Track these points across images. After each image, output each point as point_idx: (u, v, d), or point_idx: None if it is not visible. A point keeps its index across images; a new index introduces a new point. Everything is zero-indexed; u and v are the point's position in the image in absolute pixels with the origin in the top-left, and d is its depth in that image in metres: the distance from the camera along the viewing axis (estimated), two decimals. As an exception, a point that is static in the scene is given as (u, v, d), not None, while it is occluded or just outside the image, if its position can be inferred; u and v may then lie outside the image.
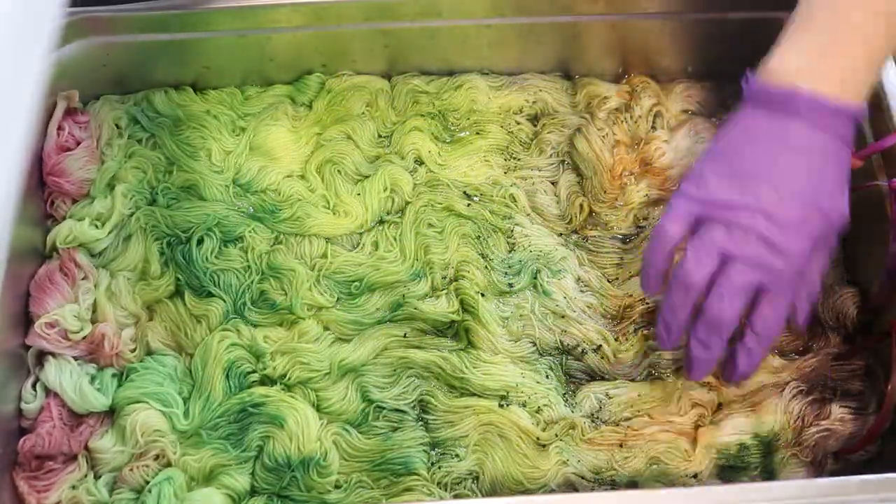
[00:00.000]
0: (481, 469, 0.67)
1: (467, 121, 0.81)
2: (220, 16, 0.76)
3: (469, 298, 0.73)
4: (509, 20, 0.79)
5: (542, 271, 0.74)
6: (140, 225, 0.74)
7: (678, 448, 0.68)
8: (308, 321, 0.72)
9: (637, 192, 0.78)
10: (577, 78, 0.84)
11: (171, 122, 0.79)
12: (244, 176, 0.77)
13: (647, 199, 0.78)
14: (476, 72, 0.83)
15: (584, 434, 0.69)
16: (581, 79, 0.84)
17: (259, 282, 0.73)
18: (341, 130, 0.80)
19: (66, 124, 0.75)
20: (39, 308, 0.69)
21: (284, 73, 0.82)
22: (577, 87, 0.83)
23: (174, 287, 0.73)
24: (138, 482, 0.65)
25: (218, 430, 0.67)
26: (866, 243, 0.73)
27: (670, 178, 0.79)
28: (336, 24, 0.78)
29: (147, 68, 0.79)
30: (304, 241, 0.75)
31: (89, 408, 0.67)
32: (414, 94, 0.82)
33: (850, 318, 0.73)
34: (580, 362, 0.72)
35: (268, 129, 0.79)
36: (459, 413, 0.69)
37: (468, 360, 0.71)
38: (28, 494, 0.64)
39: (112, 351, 0.68)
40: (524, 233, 0.76)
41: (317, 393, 0.69)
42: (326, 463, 0.66)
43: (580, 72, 0.84)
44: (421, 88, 0.82)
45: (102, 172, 0.75)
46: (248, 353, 0.70)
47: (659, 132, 0.81)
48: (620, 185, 0.79)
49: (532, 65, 0.83)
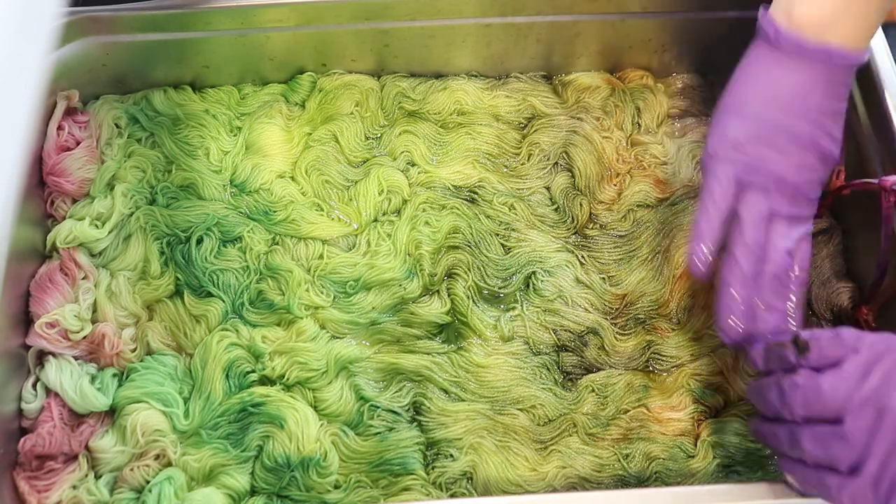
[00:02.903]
0: (474, 470, 0.68)
1: (456, 122, 0.81)
2: (219, 15, 0.76)
3: (460, 301, 0.73)
4: (499, 20, 0.79)
5: (536, 273, 0.74)
6: (140, 224, 0.74)
7: (679, 447, 0.68)
8: (305, 320, 0.72)
9: (634, 192, 0.78)
10: (562, 76, 0.84)
11: (170, 122, 0.79)
12: (240, 176, 0.78)
13: (643, 199, 0.78)
14: (464, 73, 0.83)
15: (586, 430, 0.69)
16: (565, 76, 0.84)
17: (257, 282, 0.73)
18: (329, 130, 0.80)
19: (66, 124, 0.75)
20: (40, 308, 0.69)
21: (279, 71, 0.82)
22: (564, 85, 0.83)
23: (174, 287, 0.73)
24: (139, 482, 0.65)
25: (218, 429, 0.67)
26: (865, 236, 0.74)
27: (665, 177, 0.80)
28: (328, 23, 0.78)
29: (146, 68, 0.79)
30: (300, 242, 0.75)
31: (90, 408, 0.67)
32: (401, 98, 0.82)
33: (846, 312, 0.73)
34: (577, 357, 0.72)
35: (262, 127, 0.79)
36: (452, 416, 0.69)
37: (461, 362, 0.71)
38: (29, 494, 0.64)
39: (112, 351, 0.68)
40: (520, 237, 0.76)
41: (314, 393, 0.69)
42: (326, 463, 0.67)
43: (569, 72, 0.84)
44: (407, 93, 0.82)
45: (102, 172, 0.75)
46: (247, 352, 0.70)
47: (651, 131, 0.81)
48: (616, 185, 0.79)
49: (519, 65, 0.83)
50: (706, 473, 0.68)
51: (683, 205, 0.78)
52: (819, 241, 0.76)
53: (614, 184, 0.79)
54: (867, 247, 0.73)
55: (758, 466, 0.68)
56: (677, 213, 0.77)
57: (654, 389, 0.70)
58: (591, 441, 0.69)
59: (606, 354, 0.72)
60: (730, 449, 0.68)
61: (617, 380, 0.71)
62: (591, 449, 0.68)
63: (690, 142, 0.81)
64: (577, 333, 0.73)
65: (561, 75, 0.84)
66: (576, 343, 0.72)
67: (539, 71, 0.84)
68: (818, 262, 0.75)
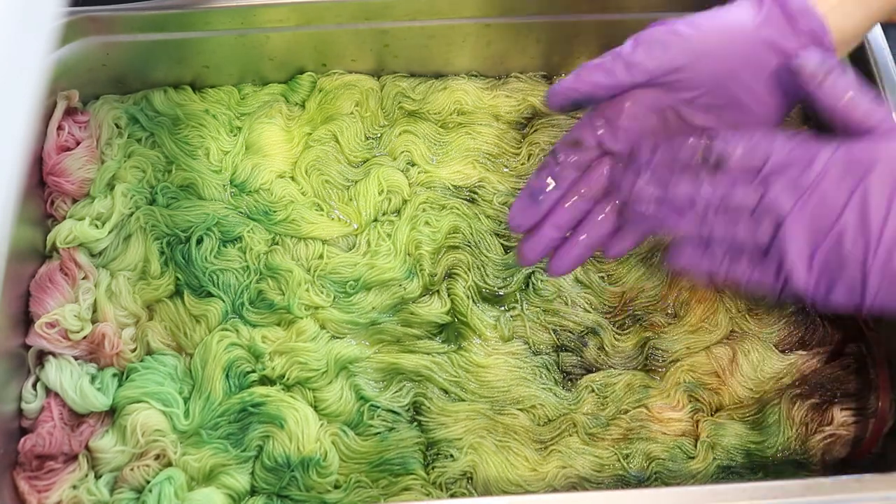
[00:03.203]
0: (474, 470, 0.68)
1: (456, 122, 0.81)
2: (219, 15, 0.76)
3: (460, 300, 0.73)
4: (500, 20, 0.79)
5: (536, 273, 0.74)
6: (140, 224, 0.74)
7: (680, 447, 0.68)
8: (305, 320, 0.72)
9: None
10: (562, 76, 0.84)
11: (170, 122, 0.79)
12: (240, 176, 0.78)
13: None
14: (464, 73, 0.83)
15: (586, 430, 0.69)
16: (565, 76, 0.83)
17: (257, 282, 0.73)
18: (329, 130, 0.80)
19: (66, 124, 0.75)
20: (40, 308, 0.69)
21: (279, 71, 0.82)
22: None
23: (174, 287, 0.73)
24: (139, 482, 0.65)
25: (218, 429, 0.67)
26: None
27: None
28: (328, 23, 0.78)
29: (146, 68, 0.79)
30: (300, 242, 0.75)
31: (90, 408, 0.67)
32: (401, 98, 0.82)
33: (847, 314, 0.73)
34: (577, 357, 0.72)
35: (262, 127, 0.79)
36: (452, 416, 0.69)
37: (461, 362, 0.71)
38: (29, 494, 0.64)
39: (112, 351, 0.68)
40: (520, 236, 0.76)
41: (314, 393, 0.69)
42: (326, 463, 0.67)
43: (569, 72, 0.84)
44: (407, 93, 0.82)
45: (102, 172, 0.75)
46: (247, 352, 0.70)
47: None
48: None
49: (519, 65, 0.83)
50: (706, 474, 0.68)
51: (683, 205, 0.78)
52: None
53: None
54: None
55: (758, 467, 0.68)
56: (677, 212, 0.77)
57: (654, 389, 0.71)
58: (591, 441, 0.69)
59: (606, 354, 0.72)
60: (730, 450, 0.68)
61: (617, 380, 0.71)
62: (591, 449, 0.68)
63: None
64: (576, 333, 0.73)
65: (561, 75, 0.84)
66: (575, 343, 0.73)
67: (539, 71, 0.84)
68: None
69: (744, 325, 0.73)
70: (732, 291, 0.74)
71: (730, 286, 0.73)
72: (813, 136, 0.54)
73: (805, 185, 0.52)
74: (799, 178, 0.52)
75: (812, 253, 0.52)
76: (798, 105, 0.79)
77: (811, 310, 0.74)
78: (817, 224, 0.52)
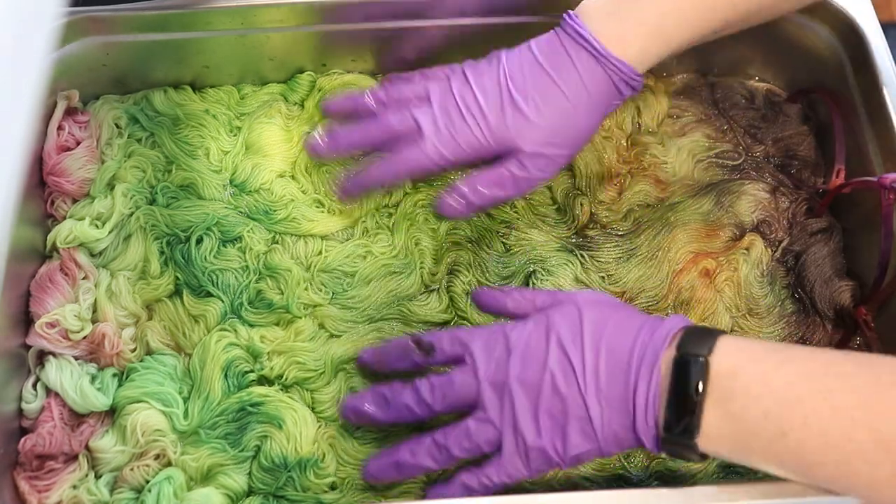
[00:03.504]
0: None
1: None
2: (219, 15, 0.76)
3: (459, 298, 0.73)
4: (500, 20, 0.79)
5: (536, 272, 0.74)
6: (140, 224, 0.74)
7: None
8: (304, 319, 0.72)
9: (634, 192, 0.78)
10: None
11: (170, 122, 0.79)
12: (240, 175, 0.78)
13: (644, 199, 0.78)
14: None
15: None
16: None
17: (256, 282, 0.73)
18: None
19: (66, 124, 0.75)
20: (40, 308, 0.69)
21: (279, 71, 0.82)
22: None
23: (174, 287, 0.73)
24: (139, 482, 0.65)
25: (216, 429, 0.67)
26: (865, 235, 0.74)
27: (665, 177, 0.80)
28: (328, 23, 0.78)
29: (147, 68, 0.79)
30: (299, 240, 0.75)
31: (90, 408, 0.67)
32: None
33: (848, 311, 0.73)
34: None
35: (262, 126, 0.79)
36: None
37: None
38: (29, 494, 0.64)
39: (113, 351, 0.68)
40: (520, 236, 0.76)
41: (312, 395, 0.69)
42: (324, 465, 0.66)
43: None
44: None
45: (102, 172, 0.75)
46: (245, 352, 0.70)
47: (651, 131, 0.81)
48: (617, 185, 0.79)
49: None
50: (706, 474, 0.68)
51: (684, 204, 0.78)
52: (819, 239, 0.76)
53: (615, 184, 0.79)
54: (867, 245, 0.73)
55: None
56: (677, 212, 0.77)
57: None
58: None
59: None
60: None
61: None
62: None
63: (690, 142, 0.81)
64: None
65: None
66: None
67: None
68: (819, 260, 0.75)
69: (744, 324, 0.73)
70: (732, 291, 0.74)
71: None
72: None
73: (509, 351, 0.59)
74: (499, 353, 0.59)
75: (535, 410, 0.57)
76: (798, 105, 0.79)
77: (811, 310, 0.74)
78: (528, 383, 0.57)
